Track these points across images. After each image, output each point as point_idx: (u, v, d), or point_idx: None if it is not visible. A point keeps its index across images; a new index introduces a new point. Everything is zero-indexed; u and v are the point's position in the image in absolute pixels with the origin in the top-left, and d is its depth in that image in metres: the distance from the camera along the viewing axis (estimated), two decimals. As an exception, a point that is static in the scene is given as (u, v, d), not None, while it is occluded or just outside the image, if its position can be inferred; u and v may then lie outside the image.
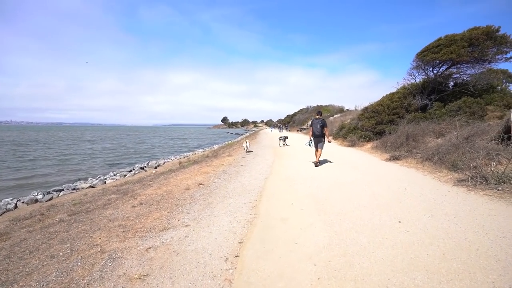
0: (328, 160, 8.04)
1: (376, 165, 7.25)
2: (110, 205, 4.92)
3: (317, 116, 7.33)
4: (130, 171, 14.03)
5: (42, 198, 8.18)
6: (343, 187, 4.82)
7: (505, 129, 6.47)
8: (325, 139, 7.25)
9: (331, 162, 7.78)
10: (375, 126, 12.88)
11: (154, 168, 14.59)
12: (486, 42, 10.65)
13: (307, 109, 48.57)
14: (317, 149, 7.33)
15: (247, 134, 40.39)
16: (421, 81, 13.49)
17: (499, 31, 10.63)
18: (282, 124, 46.19)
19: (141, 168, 14.84)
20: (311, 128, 7.30)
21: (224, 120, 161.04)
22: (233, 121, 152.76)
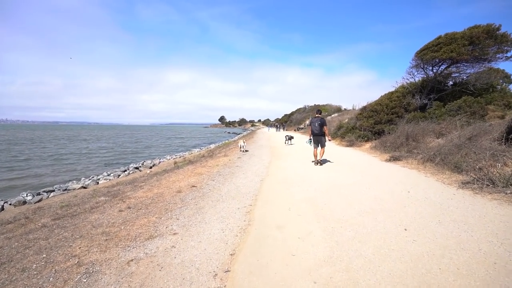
0: (327, 161, 7.80)
1: (376, 166, 7.02)
2: (97, 209, 4.65)
3: (316, 115, 7.27)
4: (125, 171, 13.73)
5: (31, 200, 7.87)
6: (343, 190, 4.58)
7: (509, 129, 6.27)
8: (326, 138, 7.18)
9: (330, 163, 7.55)
10: (374, 126, 12.68)
11: (149, 168, 14.29)
12: (487, 41, 10.47)
13: (305, 109, 48.48)
14: (316, 148, 7.26)
15: (244, 134, 40.10)
16: (420, 80, 13.29)
17: (500, 30, 10.45)
18: (280, 124, 46.13)
19: (136, 168, 14.54)
20: (310, 127, 7.22)
21: (222, 119, 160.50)
22: (231, 120, 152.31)
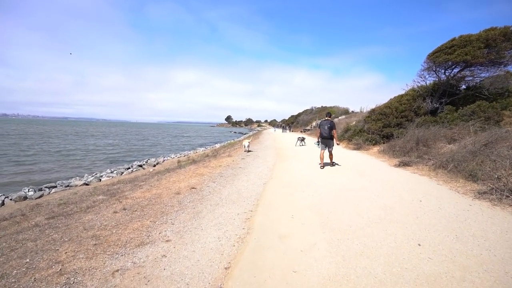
0: (334, 164, 7.52)
1: (385, 171, 6.72)
2: (93, 209, 4.50)
3: (326, 118, 7.15)
4: (128, 169, 13.68)
5: (32, 195, 7.82)
6: (350, 197, 4.31)
7: (528, 136, 5.91)
8: (334, 141, 7.10)
9: (336, 167, 7.27)
10: (382, 129, 12.31)
11: (153, 166, 14.22)
12: (504, 44, 10.03)
13: (311, 110, 48.05)
14: (323, 151, 7.17)
15: (250, 134, 39.92)
16: (432, 84, 12.87)
17: (518, 32, 10.01)
18: (286, 125, 45.87)
19: (140, 166, 14.48)
20: (319, 130, 7.09)
21: (228, 119, 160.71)
22: (237, 120, 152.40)
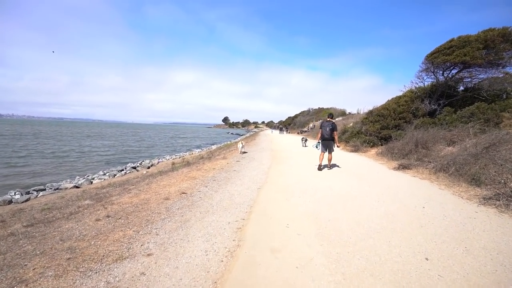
0: (332, 167, 7.30)
1: (384, 175, 6.50)
2: (76, 215, 4.20)
3: (328, 119, 7.12)
4: (121, 171, 13.36)
5: (18, 199, 7.48)
6: (349, 203, 4.07)
7: (532, 139, 5.74)
8: (335, 143, 7.07)
9: (334, 170, 7.04)
10: (380, 131, 12.13)
11: (147, 168, 13.89)
12: (502, 45, 9.93)
13: (309, 112, 48.05)
14: (323, 152, 7.10)
15: (247, 135, 39.64)
16: (429, 85, 12.74)
17: (517, 33, 9.91)
18: (283, 126, 45.76)
19: (133, 168, 14.16)
20: (321, 131, 7.03)
21: (225, 120, 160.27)
22: (234, 121, 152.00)
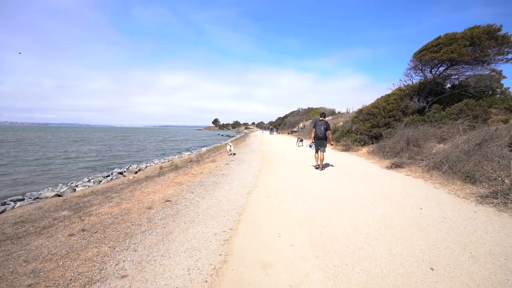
0: (324, 167, 7.11)
1: (378, 175, 6.35)
2: (49, 229, 3.82)
3: (321, 118, 7.10)
4: (107, 177, 12.79)
5: (-8, 211, 6.93)
6: (344, 207, 3.85)
7: (522, 134, 5.70)
8: (328, 142, 7.09)
9: (326, 171, 6.85)
10: (371, 129, 12.10)
11: (134, 173, 13.39)
12: (487, 42, 10.04)
13: (298, 112, 48.24)
14: (318, 152, 7.05)
15: (237, 137, 39.31)
16: (418, 83, 12.83)
17: (501, 30, 10.03)
18: (274, 127, 45.83)
19: (120, 173, 13.60)
20: (314, 130, 6.98)
21: (215, 122, 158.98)
22: (224, 123, 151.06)
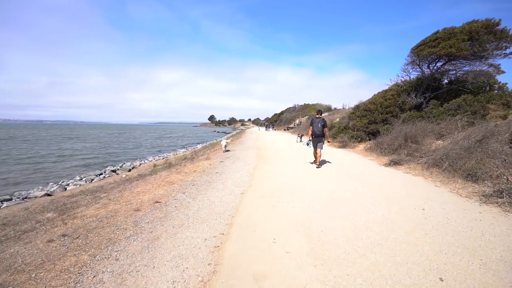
0: (320, 165, 6.92)
1: (376, 172, 6.18)
2: (29, 234, 3.57)
3: (318, 115, 7.07)
4: (100, 175, 12.47)
5: (-25, 212, 6.62)
6: (343, 208, 3.65)
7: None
8: (325, 139, 6.99)
9: (323, 169, 6.66)
10: (368, 126, 11.95)
11: (127, 171, 13.10)
12: (486, 36, 9.88)
13: (294, 108, 48.07)
14: (316, 149, 6.98)
15: (233, 133, 38.98)
16: (415, 78, 12.67)
17: (499, 25, 9.87)
18: (269, 123, 45.76)
19: (113, 171, 13.28)
20: (311, 128, 6.90)
21: (211, 119, 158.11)
22: (220, 120, 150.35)
